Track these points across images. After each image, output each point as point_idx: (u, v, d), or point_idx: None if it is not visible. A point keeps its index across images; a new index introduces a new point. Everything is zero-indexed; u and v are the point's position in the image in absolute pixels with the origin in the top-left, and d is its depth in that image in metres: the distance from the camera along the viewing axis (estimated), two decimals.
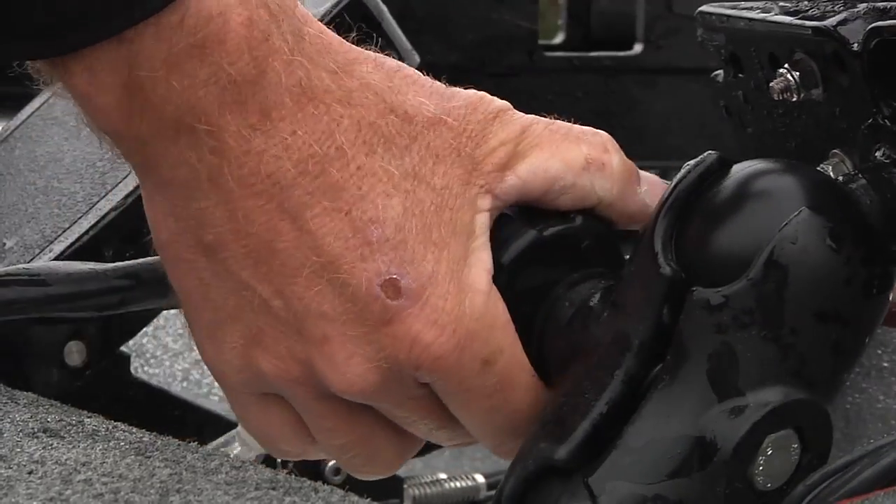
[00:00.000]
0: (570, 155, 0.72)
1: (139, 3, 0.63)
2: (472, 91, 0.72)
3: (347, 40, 0.71)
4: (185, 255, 0.70)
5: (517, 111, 0.73)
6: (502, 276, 0.71)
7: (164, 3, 0.63)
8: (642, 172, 0.75)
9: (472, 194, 0.70)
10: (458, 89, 0.72)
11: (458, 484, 1.09)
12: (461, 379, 0.70)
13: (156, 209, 0.70)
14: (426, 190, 0.69)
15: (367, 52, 0.70)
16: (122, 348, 0.94)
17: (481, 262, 0.70)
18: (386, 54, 0.72)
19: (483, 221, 0.71)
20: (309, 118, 0.67)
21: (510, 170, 0.71)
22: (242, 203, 0.67)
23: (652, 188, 0.75)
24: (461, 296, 0.69)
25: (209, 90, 0.65)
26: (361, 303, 0.68)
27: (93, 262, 0.85)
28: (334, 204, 0.67)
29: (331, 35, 0.69)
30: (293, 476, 0.68)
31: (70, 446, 0.68)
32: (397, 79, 0.70)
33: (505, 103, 0.72)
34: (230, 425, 0.78)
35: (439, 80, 0.74)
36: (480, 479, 1.11)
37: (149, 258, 0.80)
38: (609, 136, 0.74)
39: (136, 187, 0.85)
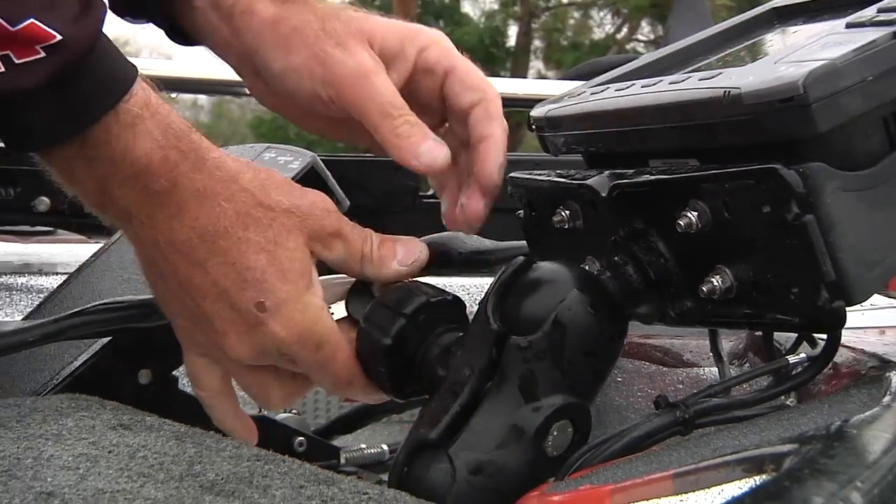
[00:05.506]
0: (354, 250, 0.73)
1: (80, 115, 0.63)
2: (316, 194, 0.72)
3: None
4: (152, 280, 0.71)
5: (339, 214, 0.72)
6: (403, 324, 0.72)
7: (104, 111, 0.63)
8: (402, 239, 0.75)
9: (309, 255, 0.70)
10: (309, 191, 0.71)
11: (372, 450, 1.09)
12: (303, 355, 0.71)
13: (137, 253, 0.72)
14: (282, 250, 0.69)
15: (251, 166, 0.70)
16: (174, 372, 0.92)
17: (317, 292, 0.71)
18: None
19: (314, 269, 0.71)
20: (205, 210, 0.67)
21: (328, 250, 0.71)
22: (171, 257, 0.68)
23: (406, 249, 0.75)
24: (304, 310, 0.69)
25: (144, 198, 0.66)
26: (244, 314, 0.69)
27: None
28: (224, 259, 0.68)
29: (226, 158, 0.69)
30: (271, 452, 0.65)
31: (135, 435, 0.66)
32: (267, 184, 0.70)
33: (333, 208, 0.72)
34: None
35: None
36: (385, 447, 1.10)
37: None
38: (373, 236, 0.74)
39: None
